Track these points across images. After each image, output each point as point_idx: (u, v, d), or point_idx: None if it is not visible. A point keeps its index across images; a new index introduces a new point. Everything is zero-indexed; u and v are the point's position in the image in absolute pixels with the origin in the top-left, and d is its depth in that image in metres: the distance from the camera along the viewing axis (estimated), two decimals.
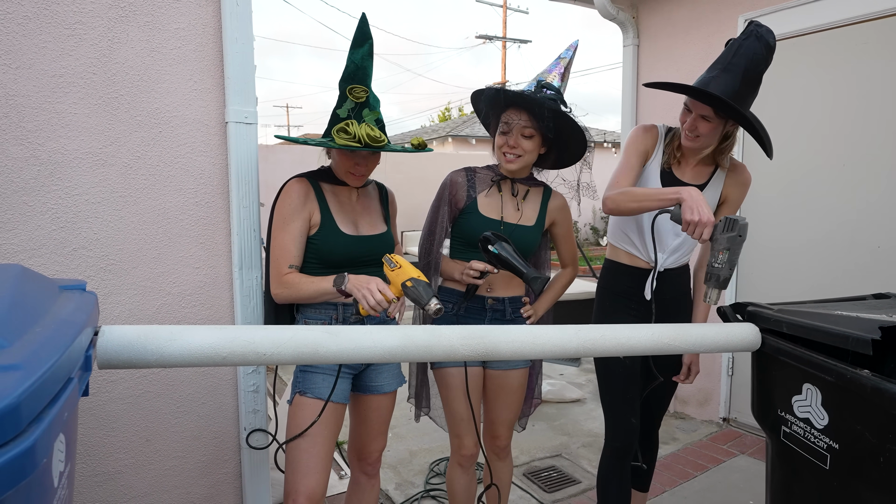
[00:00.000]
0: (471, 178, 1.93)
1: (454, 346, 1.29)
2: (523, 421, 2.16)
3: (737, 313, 1.75)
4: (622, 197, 1.74)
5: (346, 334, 1.23)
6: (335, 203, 1.68)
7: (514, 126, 1.79)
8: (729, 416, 3.31)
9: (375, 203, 1.81)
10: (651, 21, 3.58)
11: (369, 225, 1.73)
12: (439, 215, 1.94)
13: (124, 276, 1.69)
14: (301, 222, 1.62)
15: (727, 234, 1.57)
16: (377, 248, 1.71)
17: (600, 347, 1.42)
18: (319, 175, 1.70)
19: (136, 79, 1.65)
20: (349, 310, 1.68)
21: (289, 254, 1.62)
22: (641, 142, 1.90)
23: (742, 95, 1.68)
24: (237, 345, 1.15)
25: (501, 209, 1.90)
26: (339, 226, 1.65)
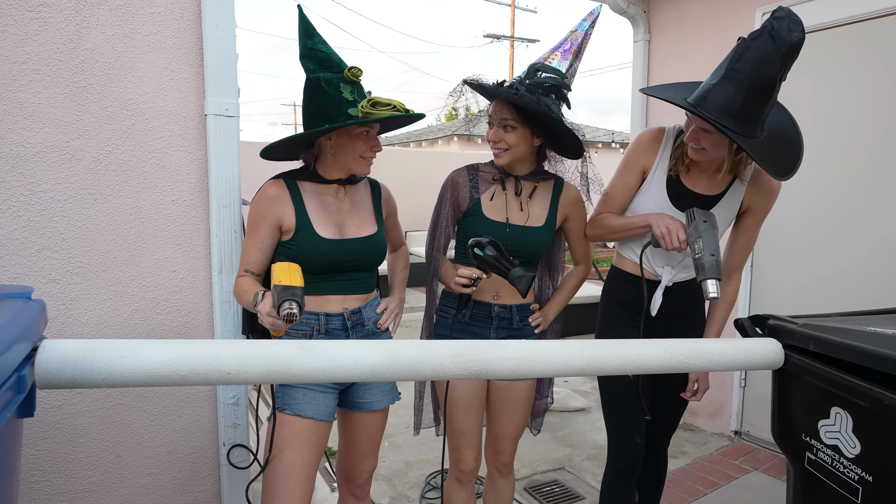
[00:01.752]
0: (473, 178, 1.79)
1: (444, 365, 1.16)
2: (538, 422, 2.03)
3: (756, 326, 1.61)
4: (600, 230, 1.79)
5: (322, 350, 1.10)
6: (316, 204, 1.55)
7: (495, 119, 1.67)
8: (741, 430, 3.16)
9: (367, 202, 1.67)
10: (663, 15, 3.43)
11: (357, 226, 1.59)
12: (441, 218, 1.81)
13: (93, 279, 1.57)
14: (267, 228, 1.49)
15: (692, 225, 1.56)
16: (364, 252, 1.58)
17: (607, 365, 1.29)
18: (301, 174, 1.57)
19: (106, 66, 1.53)
20: (334, 320, 1.56)
21: (248, 259, 1.50)
22: (641, 156, 1.74)
23: (746, 110, 1.43)
24: (198, 362, 1.02)
25: (507, 210, 1.76)
26: (316, 229, 1.51)
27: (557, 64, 1.67)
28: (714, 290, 1.52)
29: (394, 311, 1.70)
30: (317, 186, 1.56)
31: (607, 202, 1.80)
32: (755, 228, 1.78)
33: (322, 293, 1.54)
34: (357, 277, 1.59)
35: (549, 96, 1.63)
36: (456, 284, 1.63)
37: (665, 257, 1.77)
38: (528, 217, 1.76)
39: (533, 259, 1.79)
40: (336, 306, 1.56)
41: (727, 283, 1.82)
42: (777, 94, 1.47)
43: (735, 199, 1.73)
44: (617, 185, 1.78)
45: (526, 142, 1.69)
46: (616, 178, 1.79)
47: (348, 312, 1.57)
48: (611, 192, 1.79)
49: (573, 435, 3.33)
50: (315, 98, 1.48)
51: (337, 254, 1.52)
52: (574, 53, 1.68)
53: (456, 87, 1.72)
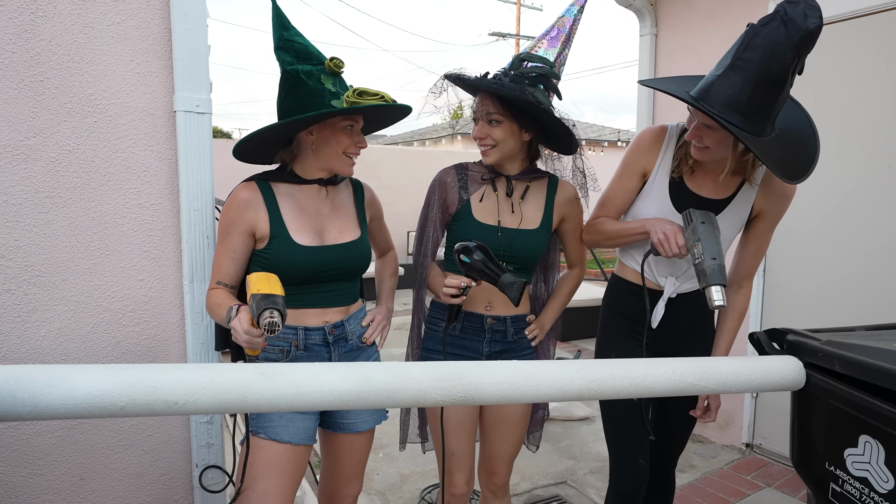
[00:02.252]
0: (462, 177, 1.65)
1: (424, 391, 1.03)
2: (535, 437, 1.90)
3: (773, 341, 1.47)
4: (596, 236, 1.67)
5: (285, 376, 0.97)
6: (293, 208, 1.42)
7: (480, 114, 1.55)
8: (753, 442, 3.02)
9: (349, 204, 1.54)
10: (671, 8, 3.29)
11: (338, 231, 1.46)
12: (428, 221, 1.67)
13: (52, 289, 1.45)
14: (239, 236, 1.38)
15: (690, 227, 1.44)
16: (346, 260, 1.45)
17: (609, 389, 1.15)
18: (276, 175, 1.44)
19: (65, 59, 1.41)
20: (313, 334, 1.43)
21: (220, 270, 1.39)
22: (642, 156, 1.60)
23: (754, 105, 1.28)
24: (140, 391, 0.89)
25: (498, 212, 1.62)
26: (293, 236, 1.39)
27: (544, 52, 1.54)
28: (719, 298, 1.38)
29: (380, 324, 1.57)
30: (294, 188, 1.43)
31: (605, 206, 1.67)
32: (767, 234, 1.63)
33: (300, 306, 1.41)
34: (338, 288, 1.46)
35: (537, 86, 1.50)
36: (444, 295, 1.50)
37: (668, 266, 1.63)
38: (521, 219, 1.63)
39: (528, 264, 1.66)
40: (316, 320, 1.43)
41: (737, 292, 1.68)
42: (790, 88, 1.32)
43: (745, 203, 1.58)
44: (615, 188, 1.65)
45: (514, 137, 1.56)
46: (615, 181, 1.66)
47: (329, 326, 1.44)
48: (609, 195, 1.66)
49: (576, 446, 3.19)
50: (294, 90, 1.36)
51: (316, 262, 1.39)
52: (562, 41, 1.55)
53: (436, 82, 1.59)
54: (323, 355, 1.44)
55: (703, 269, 1.38)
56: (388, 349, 5.07)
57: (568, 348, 5.15)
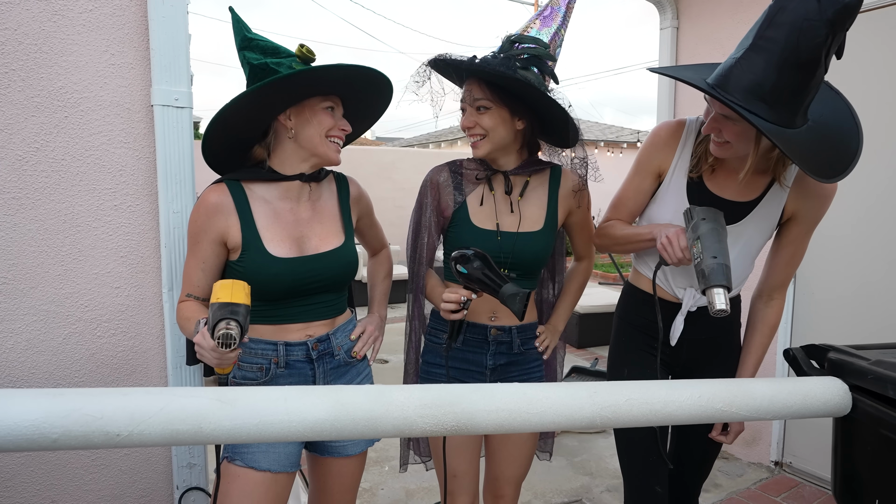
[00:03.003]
0: (456, 177, 1.50)
1: (409, 420, 0.90)
2: (548, 444, 1.74)
3: (812, 359, 1.31)
4: (607, 241, 1.53)
5: (247, 402, 0.84)
6: (268, 213, 1.28)
7: (467, 101, 1.40)
8: (782, 460, 2.82)
9: (331, 205, 1.39)
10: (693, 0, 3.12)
11: (319, 239, 1.32)
12: (422, 227, 1.52)
13: (20, 298, 1.34)
14: (210, 245, 1.24)
15: (690, 226, 1.29)
16: (329, 270, 1.31)
17: (625, 416, 1.01)
18: (250, 174, 1.30)
19: (32, 49, 1.30)
20: (295, 350, 1.31)
21: (190, 282, 1.26)
22: (657, 154, 1.44)
23: (780, 91, 1.12)
24: (75, 421, 0.77)
25: (496, 213, 1.48)
26: (267, 246, 1.25)
27: (537, 32, 1.39)
28: (721, 302, 1.18)
29: (371, 336, 1.44)
30: (271, 190, 1.30)
31: (617, 208, 1.52)
32: (803, 240, 1.45)
33: (280, 321, 1.29)
34: (322, 300, 1.33)
35: (530, 69, 1.35)
36: (443, 310, 1.36)
37: (687, 277, 1.45)
38: (521, 220, 1.48)
39: (533, 270, 1.51)
40: (298, 335, 1.31)
41: (768, 304, 1.51)
42: (824, 72, 1.15)
43: (775, 205, 1.40)
44: (628, 189, 1.49)
45: (505, 124, 1.40)
46: (628, 181, 1.49)
47: (313, 341, 1.32)
48: (621, 196, 1.50)
49: (592, 461, 3.03)
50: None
51: (295, 275, 1.26)
52: (557, 20, 1.40)
53: (418, 68, 1.44)
54: (306, 372, 1.31)
55: (702, 270, 1.21)
56: (398, 355, 4.95)
57: (585, 356, 4.98)
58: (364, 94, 1.34)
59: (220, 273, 1.28)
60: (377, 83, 1.31)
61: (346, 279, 1.36)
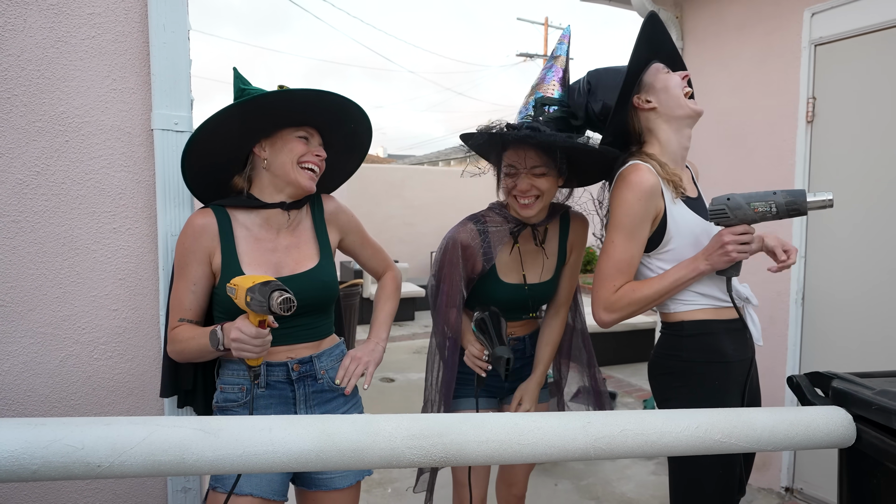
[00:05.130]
0: (484, 237, 1.54)
1: (397, 451, 0.88)
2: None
3: (816, 387, 1.28)
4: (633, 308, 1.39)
5: (231, 433, 0.83)
6: (249, 240, 1.29)
7: (520, 166, 1.46)
8: (793, 486, 2.75)
9: (307, 226, 1.38)
10: (698, 20, 3.12)
11: (295, 262, 1.32)
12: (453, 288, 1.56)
13: (18, 320, 1.35)
14: (199, 266, 1.26)
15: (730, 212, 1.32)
16: (304, 291, 1.27)
17: (619, 448, 0.99)
18: (235, 201, 1.31)
19: (34, 75, 1.32)
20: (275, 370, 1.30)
21: (181, 306, 1.26)
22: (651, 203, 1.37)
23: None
24: (56, 451, 0.77)
25: (522, 265, 1.59)
26: (245, 270, 1.26)
27: (559, 94, 1.51)
28: (823, 195, 1.27)
29: (356, 366, 1.38)
30: (252, 217, 1.32)
31: (624, 272, 1.39)
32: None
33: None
34: (301, 324, 1.31)
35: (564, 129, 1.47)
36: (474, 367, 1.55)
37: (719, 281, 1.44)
38: (542, 270, 1.61)
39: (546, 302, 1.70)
40: (279, 357, 1.31)
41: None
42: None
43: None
44: (632, 248, 1.38)
45: (555, 185, 1.51)
46: (627, 240, 1.38)
47: (294, 362, 1.31)
48: (628, 258, 1.39)
49: (599, 485, 2.97)
50: None
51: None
52: (564, 80, 1.53)
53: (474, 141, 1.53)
54: (287, 394, 1.31)
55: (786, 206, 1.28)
56: (404, 373, 4.91)
57: None
58: (343, 125, 1.35)
59: (210, 296, 1.28)
60: (350, 111, 1.32)
61: (325, 301, 1.35)
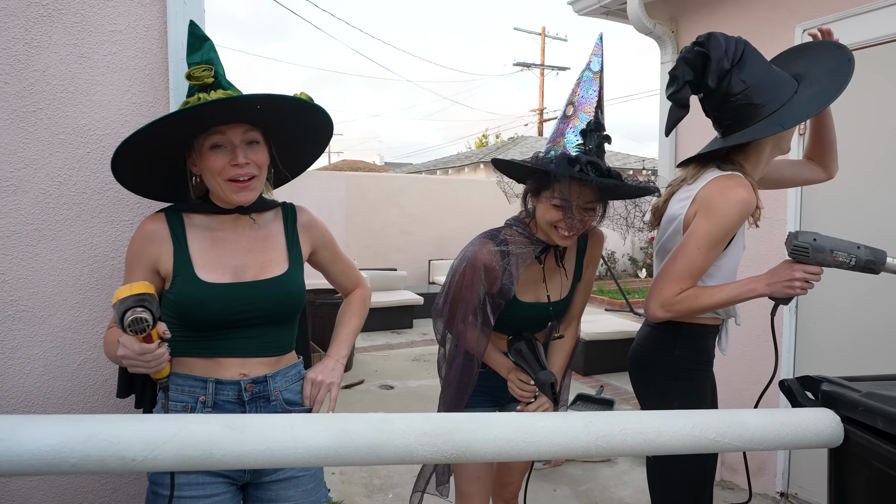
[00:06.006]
0: (505, 256, 1.51)
1: (410, 447, 0.93)
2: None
3: (806, 390, 1.34)
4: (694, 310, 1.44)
5: (256, 429, 0.89)
6: (204, 242, 1.23)
7: (574, 201, 1.42)
8: (788, 491, 2.81)
9: (277, 234, 1.32)
10: (692, 34, 3.20)
11: (260, 266, 1.25)
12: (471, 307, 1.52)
13: (39, 325, 1.40)
14: (143, 273, 1.20)
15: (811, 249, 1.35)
16: (265, 299, 1.23)
17: (620, 446, 1.04)
18: (193, 206, 1.26)
19: (59, 89, 1.38)
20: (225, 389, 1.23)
21: None
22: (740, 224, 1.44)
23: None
24: (94, 446, 0.82)
25: (547, 285, 1.60)
26: (197, 272, 1.20)
27: (601, 118, 1.46)
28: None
29: (318, 391, 1.32)
30: (212, 220, 1.26)
31: (693, 278, 1.44)
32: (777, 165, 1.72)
33: (213, 354, 1.22)
34: (261, 335, 1.24)
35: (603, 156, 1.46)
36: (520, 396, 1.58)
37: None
38: (561, 288, 1.63)
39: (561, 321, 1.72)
40: (232, 372, 1.23)
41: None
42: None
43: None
44: (709, 260, 1.44)
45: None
46: (708, 251, 1.42)
47: (247, 381, 1.23)
48: (701, 266, 1.43)
49: (597, 491, 3.02)
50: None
51: (225, 302, 1.19)
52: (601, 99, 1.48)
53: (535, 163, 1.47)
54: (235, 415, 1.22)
55: (865, 262, 1.33)
56: (403, 381, 4.96)
57: (591, 383, 4.96)
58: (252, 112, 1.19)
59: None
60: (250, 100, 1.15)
61: (288, 311, 1.29)
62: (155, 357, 1.03)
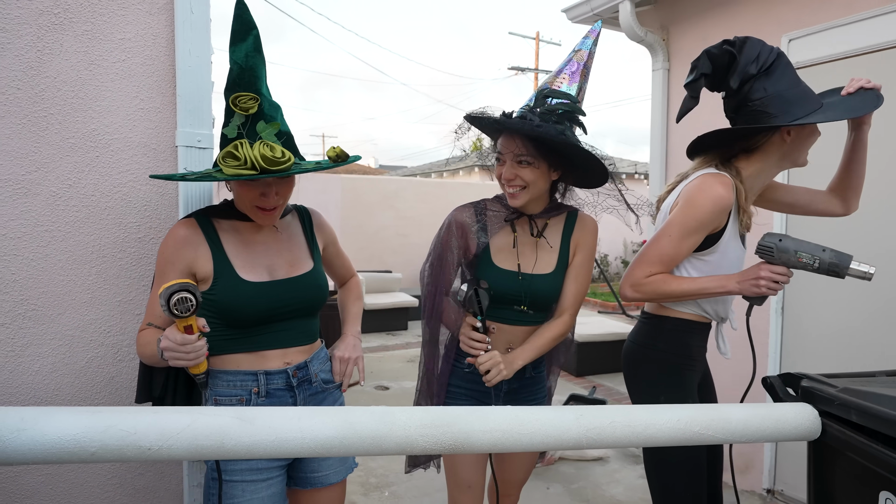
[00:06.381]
0: (481, 218, 1.59)
1: (411, 438, 0.99)
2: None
3: (788, 386, 1.40)
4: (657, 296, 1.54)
5: (265, 421, 0.94)
6: (237, 244, 1.34)
7: (507, 155, 1.47)
8: (774, 488, 2.87)
9: (298, 235, 1.46)
10: (683, 43, 3.28)
11: (289, 264, 1.39)
12: (445, 263, 1.60)
13: (48, 323, 1.44)
14: (177, 276, 1.27)
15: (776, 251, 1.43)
16: (301, 294, 1.37)
17: (608, 437, 1.10)
18: (219, 211, 1.37)
19: (69, 95, 1.42)
20: (275, 378, 1.35)
21: (153, 311, 1.29)
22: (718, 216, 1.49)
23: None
24: (112, 436, 0.87)
25: (518, 255, 1.58)
26: (239, 272, 1.30)
27: (567, 88, 1.48)
28: (865, 268, 1.39)
29: (346, 366, 1.47)
30: (237, 224, 1.37)
31: (665, 263, 1.52)
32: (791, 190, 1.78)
33: (258, 348, 1.33)
34: (296, 326, 1.38)
35: (564, 123, 1.45)
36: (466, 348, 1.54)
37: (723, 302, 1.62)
38: (536, 262, 1.59)
39: (546, 306, 1.63)
40: (277, 362, 1.35)
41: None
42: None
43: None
44: (682, 247, 1.50)
45: (544, 178, 1.50)
46: (681, 239, 1.50)
47: (293, 368, 1.37)
48: (673, 253, 1.51)
49: (589, 488, 3.07)
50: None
51: (268, 299, 1.31)
52: (582, 74, 1.50)
53: (461, 124, 1.55)
54: (286, 401, 1.36)
55: (828, 265, 1.39)
56: (398, 382, 5.00)
57: (584, 384, 5.02)
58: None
59: None
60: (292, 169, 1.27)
61: (318, 303, 1.43)
62: (195, 349, 1.12)
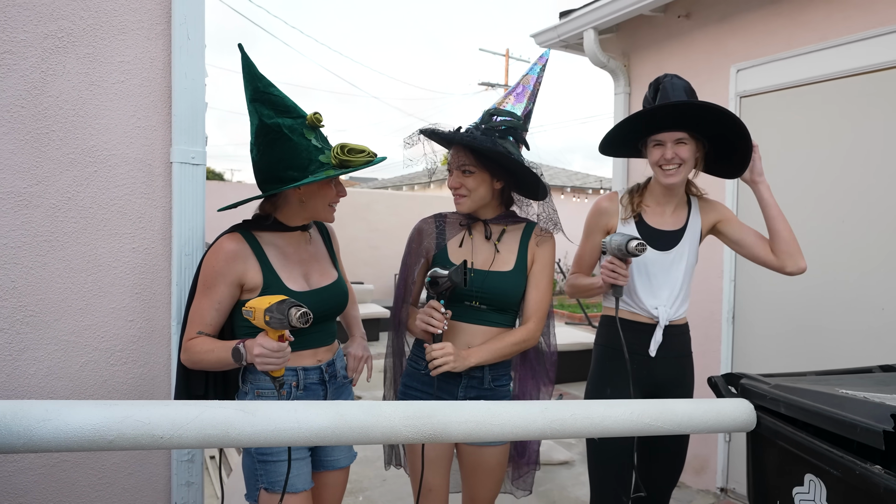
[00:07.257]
0: (440, 225, 1.77)
1: (395, 428, 1.11)
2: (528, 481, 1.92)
3: (730, 385, 1.57)
4: (573, 290, 1.96)
5: (265, 413, 1.05)
6: (279, 257, 1.49)
7: (454, 165, 1.67)
8: (727, 486, 3.06)
9: (321, 246, 1.65)
10: (643, 69, 3.50)
11: (320, 274, 1.57)
12: (409, 270, 1.77)
13: (45, 329, 1.51)
14: (227, 288, 1.42)
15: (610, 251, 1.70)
16: (333, 301, 1.56)
17: (570, 428, 1.23)
18: (257, 225, 1.51)
19: (70, 114, 1.51)
20: (311, 374, 1.52)
21: (202, 320, 1.43)
22: (601, 217, 1.90)
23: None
24: (128, 426, 0.96)
25: (472, 254, 1.71)
26: (286, 283, 1.46)
27: (511, 107, 1.67)
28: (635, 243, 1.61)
29: (359, 364, 1.70)
30: (276, 237, 1.52)
31: (578, 263, 1.95)
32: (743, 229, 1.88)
33: (297, 349, 1.46)
34: (325, 329, 1.57)
35: (507, 139, 1.62)
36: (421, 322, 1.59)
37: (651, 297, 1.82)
38: (493, 261, 1.70)
39: (503, 305, 1.70)
40: (311, 360, 1.53)
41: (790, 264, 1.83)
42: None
43: (695, 229, 1.87)
44: (585, 247, 1.93)
45: (485, 185, 1.66)
46: (583, 241, 1.94)
47: (324, 365, 1.55)
48: (580, 254, 1.95)
49: (555, 490, 3.21)
50: (276, 145, 1.42)
51: (309, 306, 1.41)
52: (528, 96, 1.69)
53: (411, 135, 1.71)
54: (319, 394, 1.53)
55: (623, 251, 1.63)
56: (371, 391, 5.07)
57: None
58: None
59: (230, 313, 1.47)
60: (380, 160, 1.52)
61: (342, 309, 1.63)
62: (286, 354, 1.27)
